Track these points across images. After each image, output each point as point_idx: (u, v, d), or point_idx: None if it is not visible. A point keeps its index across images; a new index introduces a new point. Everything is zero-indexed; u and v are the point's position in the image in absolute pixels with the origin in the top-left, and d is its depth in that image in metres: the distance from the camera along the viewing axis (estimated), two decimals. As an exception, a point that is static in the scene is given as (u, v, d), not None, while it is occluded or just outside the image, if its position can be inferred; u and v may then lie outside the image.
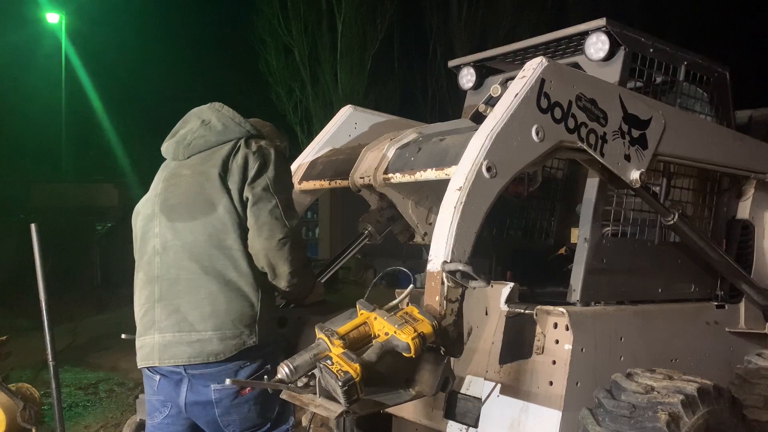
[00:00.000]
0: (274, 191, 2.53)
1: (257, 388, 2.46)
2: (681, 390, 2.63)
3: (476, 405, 2.96)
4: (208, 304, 2.44)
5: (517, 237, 4.37)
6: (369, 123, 3.58)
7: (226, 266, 2.47)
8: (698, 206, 3.71)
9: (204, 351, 2.43)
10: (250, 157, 2.56)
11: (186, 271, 2.50)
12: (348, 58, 19.46)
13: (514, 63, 3.79)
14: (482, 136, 2.26)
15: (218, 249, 2.48)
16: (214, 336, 2.43)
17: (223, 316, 2.44)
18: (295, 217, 2.57)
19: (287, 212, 2.53)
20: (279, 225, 2.48)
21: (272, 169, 2.56)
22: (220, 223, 2.49)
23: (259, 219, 2.49)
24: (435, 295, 2.10)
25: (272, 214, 2.49)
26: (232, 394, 2.48)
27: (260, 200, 2.50)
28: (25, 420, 4.45)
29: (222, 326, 2.43)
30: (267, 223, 2.48)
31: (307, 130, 19.58)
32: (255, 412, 2.53)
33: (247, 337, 2.45)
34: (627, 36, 3.14)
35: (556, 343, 2.79)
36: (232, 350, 2.44)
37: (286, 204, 2.55)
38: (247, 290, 2.48)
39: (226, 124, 2.67)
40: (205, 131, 2.66)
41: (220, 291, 2.45)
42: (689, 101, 3.58)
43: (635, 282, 3.27)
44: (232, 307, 2.45)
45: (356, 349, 2.02)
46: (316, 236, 18.59)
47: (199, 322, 2.44)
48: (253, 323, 2.46)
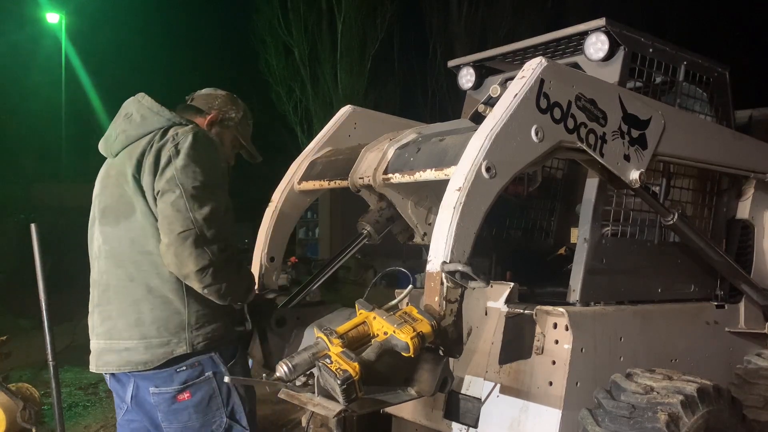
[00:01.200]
0: (180, 181, 2.28)
1: (198, 394, 2.38)
2: (680, 390, 2.63)
3: (476, 405, 2.96)
4: (133, 312, 2.36)
5: (517, 237, 4.37)
6: (369, 123, 3.58)
7: (148, 272, 2.36)
8: (698, 206, 3.71)
9: (131, 360, 2.36)
10: (162, 150, 2.35)
11: (114, 277, 2.42)
12: (348, 58, 19.46)
13: (513, 63, 3.79)
14: (481, 136, 2.26)
15: (141, 254, 2.37)
16: (140, 345, 2.35)
17: (147, 324, 2.34)
18: (206, 206, 2.29)
19: (194, 202, 2.27)
20: (180, 217, 2.25)
21: (182, 157, 2.32)
22: (139, 227, 2.36)
23: (161, 213, 2.29)
24: (434, 296, 2.09)
25: (174, 205, 2.27)
26: (170, 398, 2.38)
27: (163, 194, 2.30)
28: (25, 420, 4.45)
29: (147, 335, 2.34)
30: (167, 216, 2.27)
31: (307, 130, 19.58)
32: (197, 421, 2.40)
33: (175, 345, 2.34)
34: (627, 36, 3.14)
35: (556, 343, 2.78)
36: (159, 358, 2.34)
37: (193, 193, 2.28)
38: (172, 297, 2.36)
39: (144, 115, 2.47)
40: (126, 125, 2.50)
41: (144, 298, 2.36)
42: (689, 101, 3.58)
43: (635, 282, 3.27)
44: (156, 315, 2.35)
45: (355, 349, 2.02)
46: (316, 236, 18.58)
47: (126, 330, 2.37)
48: (180, 331, 2.35)
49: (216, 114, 2.72)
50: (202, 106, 2.71)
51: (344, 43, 19.39)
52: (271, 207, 3.32)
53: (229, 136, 2.79)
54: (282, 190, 3.34)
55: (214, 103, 2.74)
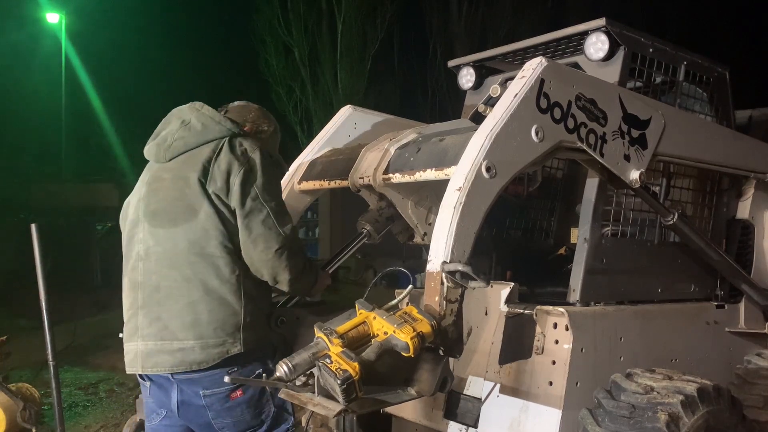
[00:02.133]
0: (264, 200, 2.46)
1: (249, 391, 2.44)
2: (681, 390, 2.63)
3: (476, 405, 2.96)
4: (189, 313, 2.40)
5: (517, 237, 4.37)
6: (369, 123, 3.58)
7: (207, 274, 2.42)
8: (698, 206, 3.71)
9: (186, 360, 2.40)
10: (234, 164, 2.47)
11: (167, 278, 2.45)
12: (348, 58, 19.46)
13: (513, 63, 3.79)
14: (482, 136, 2.26)
15: (199, 256, 2.42)
16: (196, 345, 2.39)
17: (204, 325, 2.39)
18: (288, 222, 2.52)
19: (280, 219, 2.47)
20: (273, 235, 2.44)
21: (260, 175, 2.48)
22: (201, 229, 2.43)
23: (252, 232, 2.43)
24: (434, 296, 2.10)
25: (265, 224, 2.44)
26: (223, 397, 2.45)
27: (251, 212, 2.44)
28: (25, 420, 4.45)
29: (203, 335, 2.39)
30: (261, 234, 2.43)
31: (307, 130, 19.58)
32: (249, 414, 2.50)
33: (230, 345, 2.41)
34: (627, 36, 3.14)
35: (556, 343, 2.78)
36: (215, 358, 2.40)
37: (277, 211, 2.48)
38: (230, 298, 2.42)
39: (205, 123, 2.57)
40: (184, 132, 2.58)
41: (202, 299, 2.41)
42: (689, 101, 3.58)
43: (635, 282, 3.27)
44: (213, 316, 2.40)
45: (355, 349, 2.02)
46: (316, 236, 18.58)
47: (181, 331, 2.40)
48: (236, 331, 2.42)
49: (251, 127, 2.78)
50: (237, 119, 2.73)
51: (344, 43, 19.39)
52: (271, 207, 3.31)
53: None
54: (282, 190, 3.33)
55: (248, 116, 2.80)
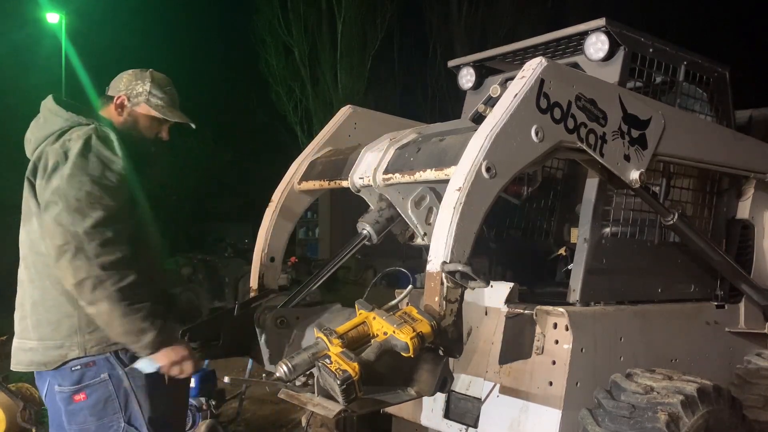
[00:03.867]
0: (64, 192, 2.24)
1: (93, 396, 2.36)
2: (680, 390, 2.63)
3: (476, 405, 2.96)
4: (34, 313, 2.38)
5: (517, 237, 4.36)
6: (369, 123, 3.58)
7: (43, 274, 2.36)
8: (698, 206, 3.70)
9: (34, 360, 2.38)
10: (51, 155, 2.31)
11: (23, 278, 2.45)
12: (348, 58, 19.48)
13: (513, 63, 3.78)
14: (481, 136, 2.26)
15: (37, 256, 2.37)
16: (40, 345, 2.37)
17: (44, 326, 2.36)
18: (89, 217, 2.21)
19: (76, 215, 2.21)
20: (60, 231, 2.20)
21: (69, 165, 2.27)
22: (35, 229, 2.37)
23: (44, 227, 2.27)
24: (434, 296, 2.09)
25: (56, 219, 2.22)
26: (67, 397, 2.37)
27: (48, 205, 2.26)
28: (25, 420, 4.45)
29: (44, 336, 2.36)
30: (49, 230, 2.24)
31: (307, 130, 19.59)
32: (92, 424, 2.37)
33: (68, 349, 2.34)
34: (627, 36, 3.14)
35: (556, 343, 2.79)
36: (56, 361, 2.34)
37: (77, 206, 2.22)
38: (63, 299, 2.33)
39: (46, 117, 2.45)
40: (34, 128, 2.50)
41: (41, 300, 2.37)
42: (689, 101, 3.58)
43: (635, 282, 3.27)
44: (50, 317, 2.36)
45: (355, 349, 2.02)
46: (316, 236, 18.60)
47: (31, 330, 2.39)
48: (72, 334, 2.33)
49: (123, 95, 2.61)
50: (112, 92, 2.63)
51: (344, 43, 19.40)
52: (271, 207, 3.32)
53: (143, 112, 2.65)
54: (282, 190, 3.34)
55: (120, 86, 2.63)
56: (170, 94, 2.71)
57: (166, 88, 2.69)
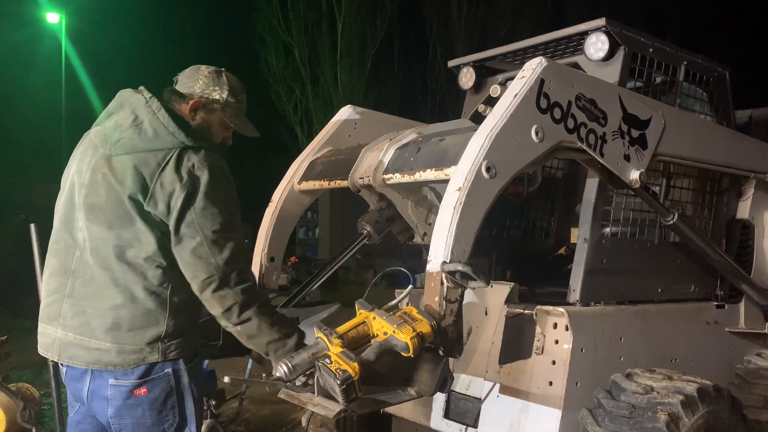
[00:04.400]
0: (200, 226, 2.29)
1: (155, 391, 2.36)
2: (680, 390, 2.63)
3: (475, 405, 2.96)
4: (111, 317, 2.34)
5: (517, 237, 4.37)
6: (369, 123, 3.58)
7: (134, 282, 2.33)
8: (698, 206, 3.71)
9: (102, 360, 2.35)
10: (176, 186, 2.30)
11: (98, 277, 2.38)
12: (348, 58, 19.47)
13: (513, 63, 3.78)
14: (482, 136, 2.26)
15: (128, 264, 2.34)
16: (113, 348, 2.33)
17: (124, 331, 2.33)
18: (226, 248, 2.31)
19: (214, 248, 2.29)
20: (202, 264, 2.29)
21: (201, 198, 2.30)
22: (134, 240, 2.33)
23: (182, 259, 2.32)
24: (434, 296, 2.09)
25: (195, 253, 2.29)
26: (127, 392, 2.35)
27: (183, 238, 2.30)
28: (25, 420, 4.44)
29: (122, 341, 2.33)
30: (189, 263, 2.31)
31: (307, 130, 19.59)
32: (150, 418, 2.38)
33: (148, 354, 2.34)
34: (627, 36, 3.14)
35: (556, 343, 2.79)
36: (131, 364, 2.33)
37: (213, 238, 2.29)
38: (155, 309, 2.34)
39: (158, 131, 2.36)
40: (134, 134, 2.37)
41: (125, 306, 2.34)
42: (689, 101, 3.58)
43: (635, 282, 3.27)
44: (134, 324, 2.34)
45: (355, 349, 2.02)
46: (316, 236, 18.59)
47: (101, 332, 2.35)
48: (156, 341, 2.34)
49: (198, 100, 2.53)
50: (185, 91, 2.53)
51: (344, 43, 19.40)
52: (271, 207, 3.32)
53: (216, 120, 2.60)
54: (282, 190, 3.34)
55: (195, 87, 2.53)
56: (243, 102, 2.65)
57: (240, 97, 2.63)
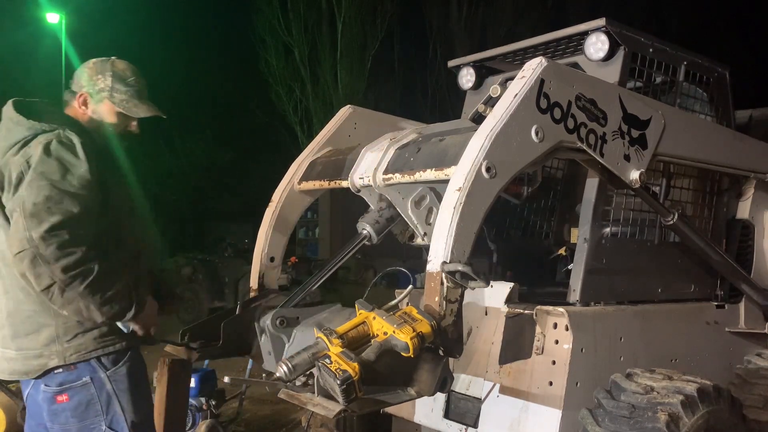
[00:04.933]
0: (23, 198, 2.20)
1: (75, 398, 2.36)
2: (681, 390, 2.63)
3: (476, 405, 2.96)
4: (10, 325, 2.36)
5: (517, 237, 4.37)
6: (369, 123, 3.58)
7: (15, 286, 2.33)
8: (698, 206, 3.71)
9: (15, 369, 2.37)
10: (12, 168, 2.26)
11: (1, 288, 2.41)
12: (348, 58, 19.48)
13: (513, 63, 3.79)
14: (482, 136, 2.26)
15: (7, 268, 2.33)
16: (19, 356, 2.35)
17: (22, 337, 2.34)
18: (45, 221, 2.14)
19: (31, 220, 2.14)
20: (17, 237, 2.16)
21: (30, 172, 2.22)
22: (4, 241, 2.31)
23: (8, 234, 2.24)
24: (434, 296, 2.09)
25: (16, 224, 2.18)
26: (51, 398, 2.35)
27: (11, 215, 2.24)
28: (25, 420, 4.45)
29: (22, 346, 2.34)
30: (10, 235, 2.21)
31: (307, 130, 19.59)
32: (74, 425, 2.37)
33: (47, 358, 2.32)
34: (627, 36, 3.14)
35: (556, 343, 2.79)
36: (36, 370, 2.33)
37: (32, 210, 2.15)
38: (38, 309, 2.31)
39: (8, 127, 2.34)
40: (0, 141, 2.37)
41: (16, 311, 2.35)
42: (689, 101, 3.58)
43: (635, 282, 3.27)
44: (28, 328, 2.33)
45: (355, 349, 2.02)
46: (316, 236, 18.60)
47: (10, 341, 2.37)
48: (51, 343, 2.31)
49: (84, 93, 2.50)
50: (75, 88, 2.51)
51: (344, 43, 19.41)
52: (271, 207, 3.32)
53: (107, 108, 2.52)
54: (282, 190, 3.34)
55: (82, 81, 2.50)
56: (134, 85, 2.55)
57: (129, 80, 2.53)
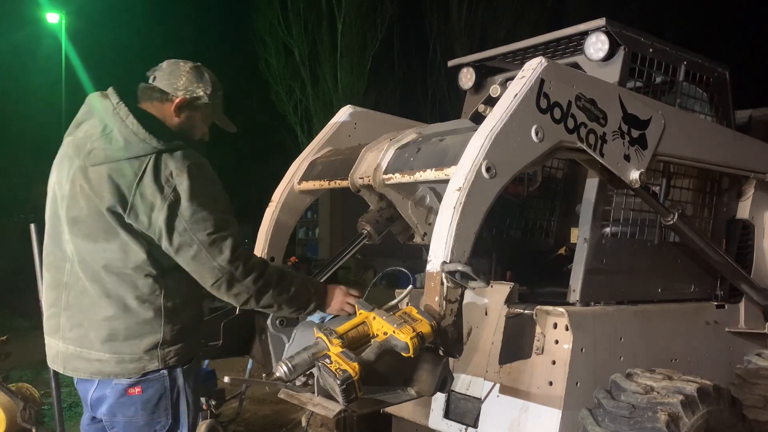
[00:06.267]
0: (193, 232, 2.28)
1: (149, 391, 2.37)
2: (680, 390, 2.63)
3: (475, 405, 2.96)
4: (106, 328, 2.35)
5: (517, 237, 4.37)
6: (369, 123, 3.58)
7: (125, 292, 2.33)
8: (698, 206, 3.71)
9: (103, 371, 2.36)
10: (157, 198, 2.26)
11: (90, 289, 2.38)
12: (348, 58, 19.47)
13: (513, 63, 3.79)
14: (482, 136, 2.26)
15: (117, 275, 2.33)
16: (113, 358, 2.34)
17: (120, 341, 2.34)
18: (225, 248, 2.30)
19: (212, 250, 2.29)
20: (207, 269, 2.30)
21: (187, 206, 2.28)
22: (119, 251, 2.32)
23: (188, 266, 2.33)
24: (434, 296, 2.09)
25: (196, 260, 2.30)
26: (122, 389, 2.36)
27: (180, 248, 2.30)
28: (25, 420, 4.45)
29: (120, 350, 2.34)
30: (195, 270, 2.33)
31: (307, 130, 19.59)
32: (141, 418, 2.38)
33: (147, 362, 2.35)
34: (627, 36, 3.14)
35: (556, 343, 2.79)
36: (131, 373, 2.35)
37: (209, 242, 2.29)
38: (150, 317, 2.34)
39: (128, 139, 2.30)
40: (105, 144, 2.33)
41: (119, 316, 2.34)
42: (689, 101, 3.58)
43: (635, 282, 3.27)
44: (131, 333, 2.34)
45: (355, 349, 2.02)
46: (316, 236, 18.61)
47: (98, 343, 2.36)
48: (153, 348, 2.34)
49: (183, 98, 2.51)
50: (167, 88, 2.50)
51: (344, 43, 19.40)
52: (271, 207, 3.31)
53: (200, 116, 2.60)
54: (282, 190, 3.34)
55: (179, 84, 2.51)
56: (222, 97, 2.66)
57: (220, 92, 2.63)
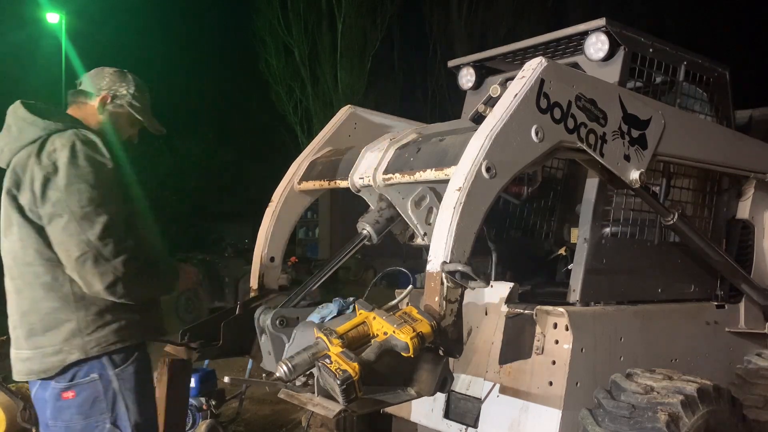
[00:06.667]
0: (66, 203, 2.26)
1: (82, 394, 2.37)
2: (681, 390, 2.63)
3: (475, 405, 2.96)
4: (25, 324, 2.37)
5: (517, 237, 4.37)
6: (369, 123, 3.58)
7: (32, 284, 2.35)
8: (698, 206, 3.71)
9: (32, 369, 2.37)
10: (36, 170, 2.29)
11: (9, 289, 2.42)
12: (348, 58, 19.50)
13: (513, 63, 3.79)
14: (482, 136, 2.26)
15: (22, 267, 2.36)
16: (36, 354, 2.36)
17: (39, 335, 2.35)
18: (98, 222, 2.27)
19: (84, 224, 2.26)
20: (74, 242, 2.25)
21: (63, 175, 2.28)
22: (18, 241, 2.35)
23: (54, 240, 2.30)
24: (434, 296, 2.09)
25: (66, 231, 2.26)
26: (57, 394, 2.37)
27: (51, 219, 2.28)
28: (25, 420, 4.44)
29: (40, 345, 2.35)
30: (62, 242, 2.28)
31: (307, 130, 19.61)
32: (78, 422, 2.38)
33: (67, 353, 2.33)
34: (627, 36, 3.14)
35: (556, 343, 2.79)
36: (56, 366, 2.34)
37: (82, 214, 2.26)
38: (59, 305, 2.34)
39: (20, 127, 2.39)
40: (7, 138, 2.42)
41: (32, 310, 2.36)
42: (689, 101, 3.58)
43: (635, 282, 3.27)
44: (46, 325, 2.34)
45: (355, 349, 2.02)
46: (316, 236, 18.62)
47: (23, 341, 2.38)
48: (71, 338, 2.33)
49: (106, 94, 2.61)
50: (91, 89, 2.61)
51: (344, 43, 19.43)
52: (271, 207, 3.31)
53: (125, 117, 2.68)
54: (282, 190, 3.34)
55: (102, 84, 2.62)
56: (148, 100, 2.75)
57: (146, 94, 2.72)
